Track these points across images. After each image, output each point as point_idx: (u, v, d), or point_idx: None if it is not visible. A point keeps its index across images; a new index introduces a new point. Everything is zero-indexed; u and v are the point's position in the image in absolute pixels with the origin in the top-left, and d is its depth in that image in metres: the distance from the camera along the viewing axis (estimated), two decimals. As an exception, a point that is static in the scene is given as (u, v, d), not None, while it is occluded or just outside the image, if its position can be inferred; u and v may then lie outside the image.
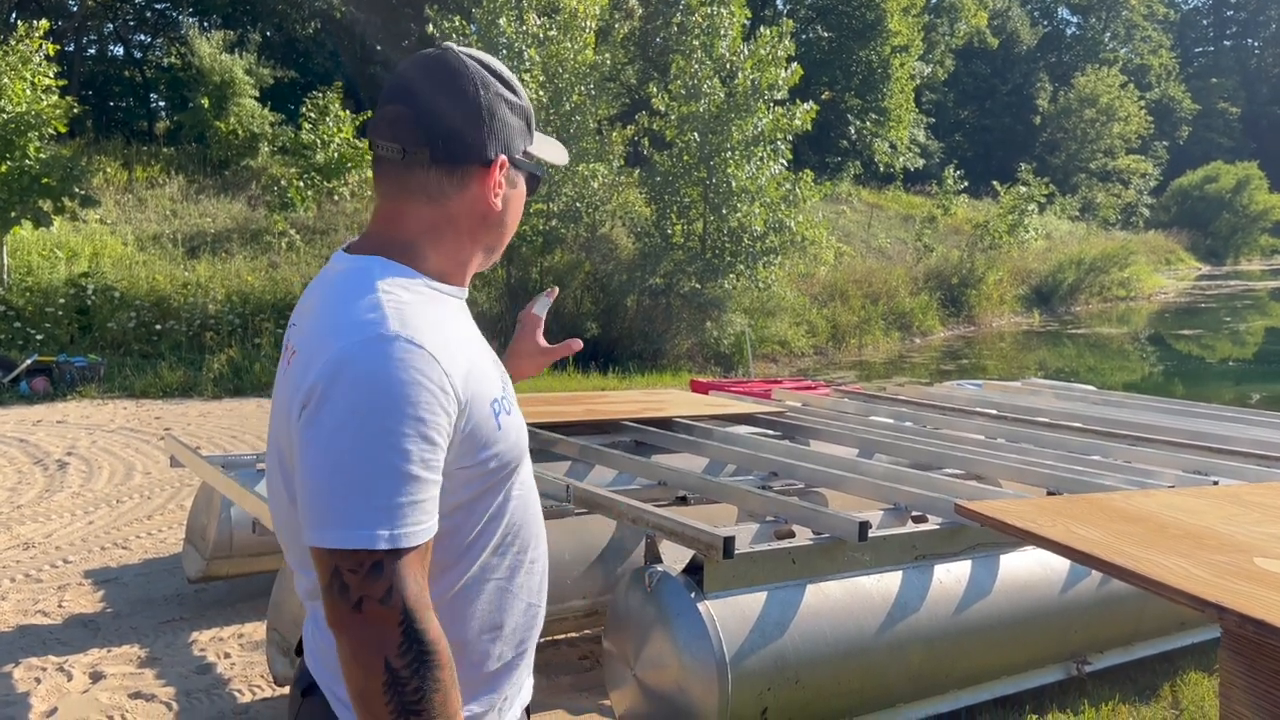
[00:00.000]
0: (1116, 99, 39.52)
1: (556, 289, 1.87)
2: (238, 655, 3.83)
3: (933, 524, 3.31)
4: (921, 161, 32.56)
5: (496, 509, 1.24)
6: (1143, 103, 41.55)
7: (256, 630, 4.03)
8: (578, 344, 1.79)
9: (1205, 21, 66.18)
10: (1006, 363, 16.68)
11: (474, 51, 1.28)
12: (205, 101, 16.94)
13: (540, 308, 1.79)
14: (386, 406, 1.08)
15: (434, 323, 1.16)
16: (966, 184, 27.78)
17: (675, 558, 3.02)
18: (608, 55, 14.69)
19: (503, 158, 1.25)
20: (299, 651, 1.34)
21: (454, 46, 1.28)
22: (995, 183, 26.77)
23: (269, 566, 4.11)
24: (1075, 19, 51.13)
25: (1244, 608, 0.91)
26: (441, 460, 1.13)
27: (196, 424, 8.88)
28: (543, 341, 1.78)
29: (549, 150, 1.35)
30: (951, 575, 3.21)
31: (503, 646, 1.27)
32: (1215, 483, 3.66)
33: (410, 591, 1.08)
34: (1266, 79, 61.96)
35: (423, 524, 1.10)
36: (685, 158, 14.34)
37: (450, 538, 1.19)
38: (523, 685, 1.34)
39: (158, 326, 12.06)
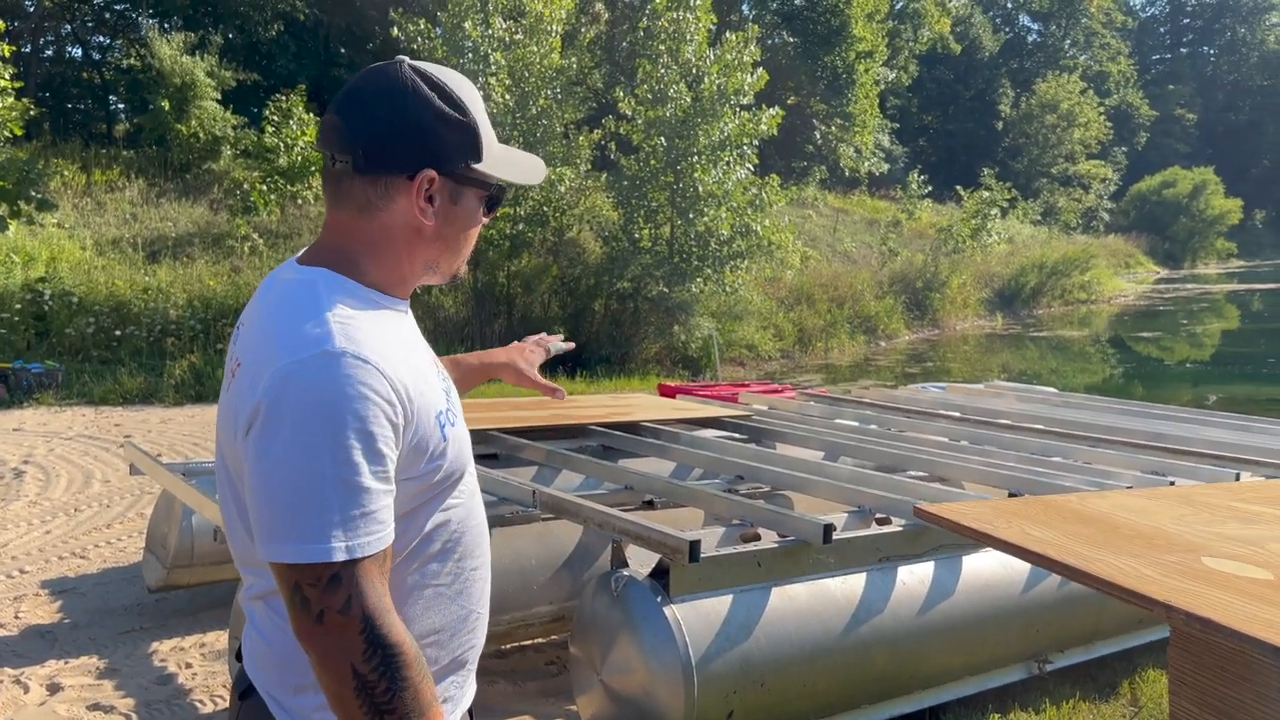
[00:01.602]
0: (1077, 105, 40.15)
1: (573, 345, 1.97)
2: (199, 665, 3.78)
3: (896, 526, 3.34)
4: (886, 166, 32.85)
5: (439, 518, 1.26)
6: (1102, 109, 42.26)
7: (218, 639, 3.98)
8: (562, 392, 1.91)
9: (1162, 29, 67.41)
10: (970, 365, 16.86)
11: (429, 67, 1.27)
12: (166, 104, 16.71)
13: (555, 348, 1.92)
14: (335, 422, 1.10)
15: (380, 337, 1.18)
16: (930, 188, 28.09)
17: (642, 562, 3.02)
18: (574, 59, 14.69)
19: (430, 173, 1.24)
20: (239, 656, 1.34)
21: (407, 60, 1.28)
22: (959, 187, 27.09)
23: (231, 575, 4.05)
24: (1036, 26, 51.91)
25: (1191, 606, 0.93)
26: (392, 470, 1.15)
27: (158, 431, 8.76)
28: (534, 371, 1.88)
29: (510, 170, 1.33)
30: (915, 576, 3.24)
31: (439, 651, 1.29)
32: (1172, 483, 3.73)
33: (369, 599, 1.11)
34: (1221, 86, 63.20)
35: (376, 533, 1.13)
36: (652, 162, 14.36)
37: (395, 543, 1.20)
38: (463, 690, 1.36)
39: (117, 332, 11.88)
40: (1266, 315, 26.75)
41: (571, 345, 1.93)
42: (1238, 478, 3.92)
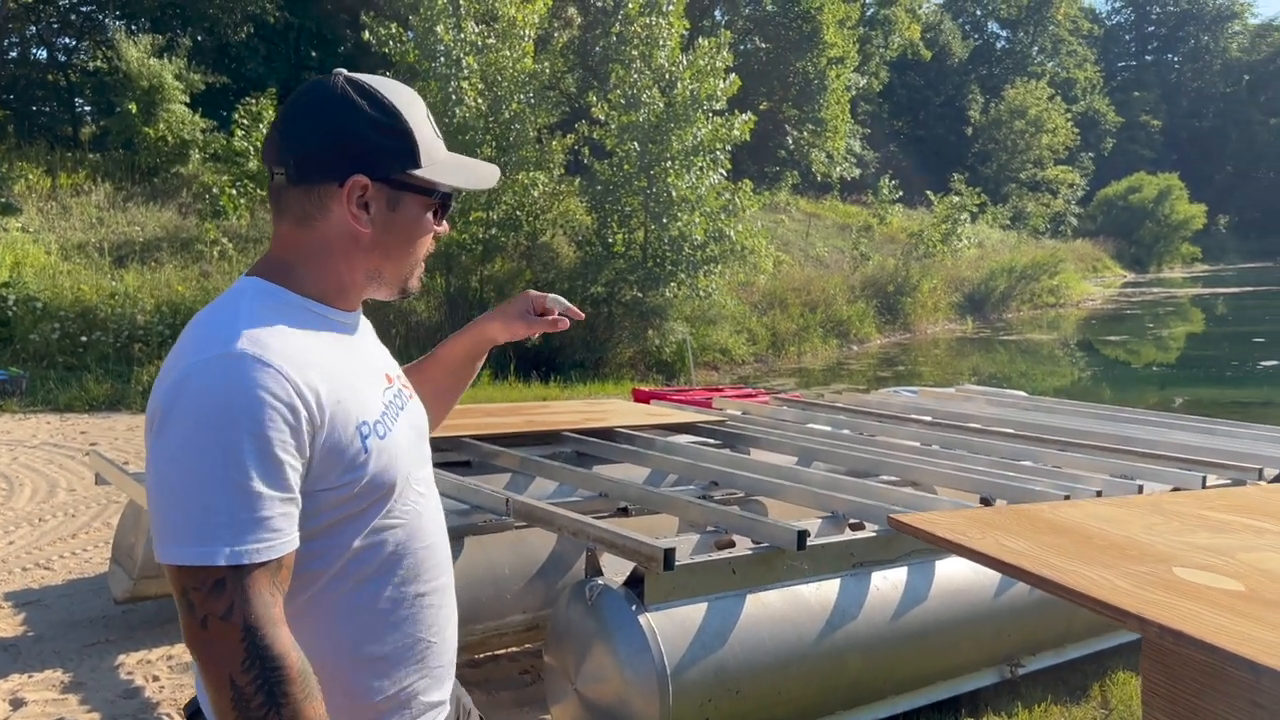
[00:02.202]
0: (1045, 111, 40.61)
1: (568, 321, 1.69)
2: (166, 678, 3.73)
3: (870, 531, 3.35)
4: (858, 171, 33.05)
5: (369, 535, 1.23)
6: (1069, 115, 42.74)
7: (186, 652, 3.92)
8: (564, 323, 1.69)
9: (1128, 37, 68.37)
10: (941, 369, 16.99)
11: (365, 78, 1.28)
12: (133, 107, 16.50)
13: (553, 303, 1.67)
14: (228, 423, 1.09)
15: (293, 342, 1.18)
16: (901, 193, 28.27)
17: (617, 570, 3.01)
18: (547, 64, 14.67)
19: (359, 179, 1.23)
20: None
21: (344, 72, 1.29)
22: (929, 192, 27.31)
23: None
24: (1005, 33, 52.47)
25: (1164, 619, 0.93)
26: (292, 478, 1.13)
27: (125, 438, 8.63)
28: (523, 317, 1.67)
29: (454, 175, 1.31)
30: (888, 582, 3.25)
31: (382, 681, 1.25)
32: (1140, 487, 3.77)
33: (253, 608, 1.08)
34: (1185, 93, 64.18)
35: (267, 541, 1.10)
36: (625, 167, 14.37)
37: (318, 560, 1.19)
38: None
39: (83, 338, 11.70)
40: (1230, 319, 27.17)
41: (580, 315, 1.70)
42: (1204, 481, 3.97)
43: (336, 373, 1.20)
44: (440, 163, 1.30)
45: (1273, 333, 22.76)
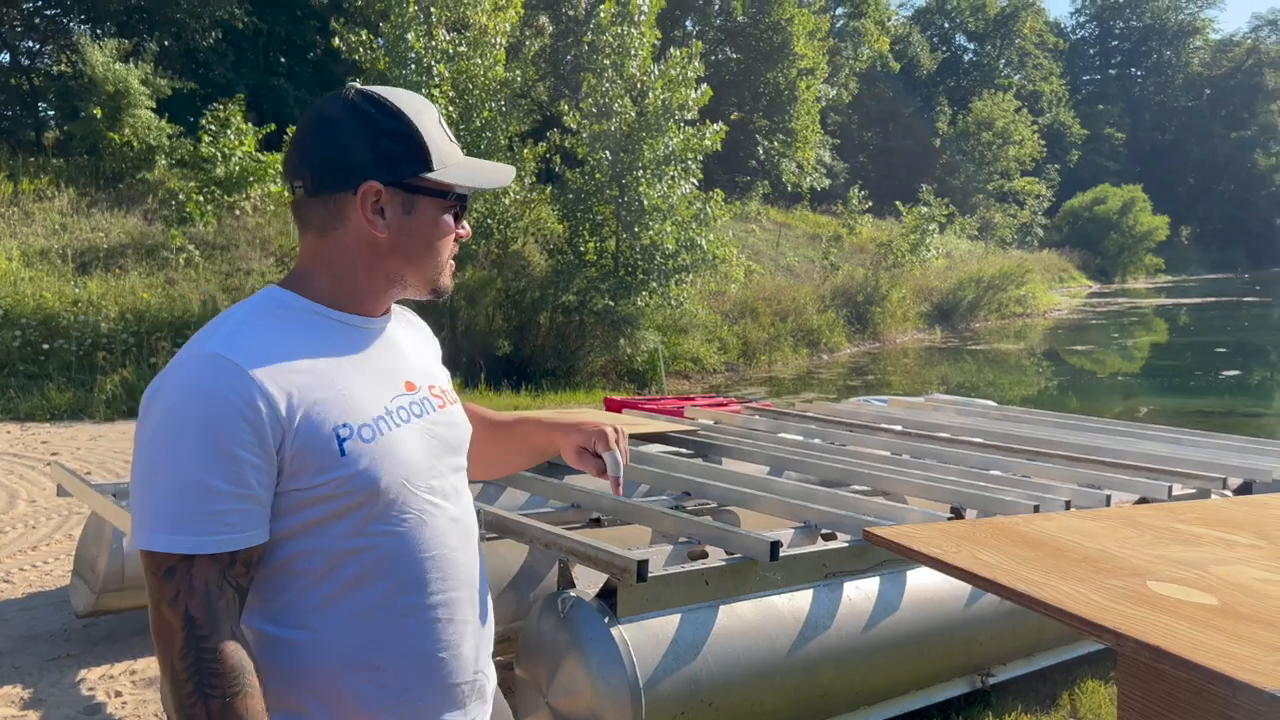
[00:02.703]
0: (1011, 123, 41.13)
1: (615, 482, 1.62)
2: (129, 694, 3.65)
3: (842, 541, 3.35)
4: (828, 181, 33.30)
5: (354, 537, 1.22)
6: (1036, 127, 43.34)
7: (149, 666, 3.85)
8: (610, 482, 1.62)
9: (1092, 51, 69.47)
10: (910, 378, 17.12)
11: (376, 88, 1.32)
12: (98, 112, 16.28)
13: (610, 460, 1.60)
14: (188, 420, 1.14)
15: (275, 345, 1.21)
16: (871, 204, 28.52)
17: (589, 582, 2.99)
18: (519, 72, 14.65)
19: (372, 184, 1.26)
20: None
21: (356, 85, 1.32)
22: (898, 203, 27.55)
23: (164, 599, 3.93)
24: (972, 46, 53.14)
25: (1139, 633, 0.93)
26: (251, 475, 1.15)
27: (87, 448, 8.49)
28: (581, 454, 1.63)
29: (467, 175, 1.33)
30: (861, 592, 3.26)
31: (378, 690, 1.24)
32: (1108, 496, 3.81)
33: (197, 598, 1.13)
34: (1148, 106, 65.31)
35: (218, 535, 1.14)
36: (597, 175, 14.38)
37: (303, 560, 1.21)
38: None
39: (45, 346, 11.50)
40: (1193, 329, 27.62)
41: (617, 479, 1.63)
42: (1170, 491, 4.02)
43: (322, 376, 1.22)
44: (454, 165, 1.32)
45: (1234, 343, 23.16)
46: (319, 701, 1.22)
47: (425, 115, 1.31)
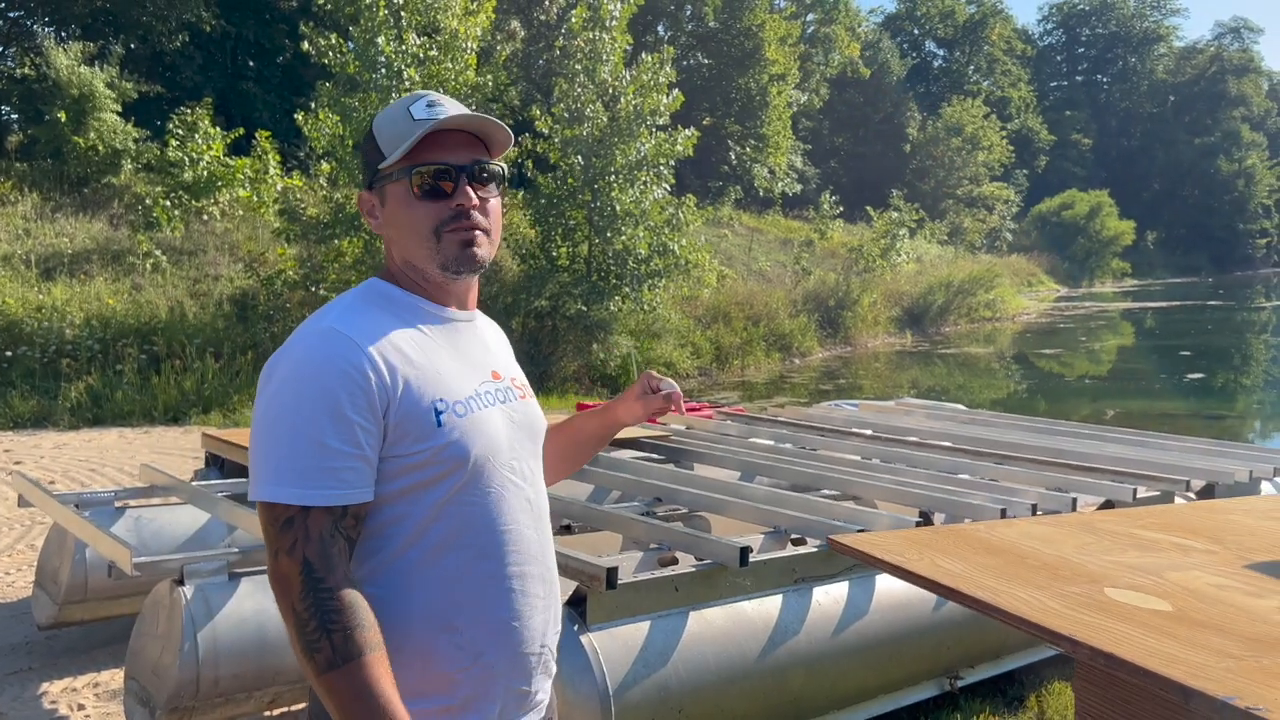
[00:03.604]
0: (980, 129, 41.53)
1: (681, 407, 1.79)
2: (93, 706, 3.60)
3: (811, 546, 3.36)
4: (799, 187, 33.45)
5: (443, 505, 1.32)
6: (1004, 133, 43.78)
7: (113, 678, 3.80)
8: (677, 405, 1.79)
9: (1059, 58, 70.35)
10: (881, 382, 17.23)
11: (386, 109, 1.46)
12: (62, 115, 16.06)
13: (666, 385, 1.77)
14: (306, 382, 1.26)
15: (380, 324, 1.34)
16: (842, 209, 28.68)
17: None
18: (490, 76, 14.61)
19: (361, 194, 1.46)
20: None
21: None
22: (869, 208, 27.74)
23: (126, 610, 3.88)
24: (942, 52, 53.67)
25: (1096, 641, 0.94)
26: (362, 437, 1.27)
27: (51, 456, 8.37)
28: (644, 398, 1.79)
29: (399, 137, 1.38)
30: (830, 597, 3.27)
31: (458, 652, 1.32)
32: (1074, 499, 3.85)
33: (314, 545, 1.23)
34: (1115, 113, 66.21)
35: (334, 489, 1.24)
36: (570, 180, 14.36)
37: (397, 524, 1.31)
38: (491, 702, 1.35)
39: (8, 353, 11.32)
40: (1159, 332, 28.01)
41: (680, 409, 1.80)
42: (1134, 493, 4.07)
43: (421, 354, 1.35)
44: (403, 145, 1.38)
45: (1198, 346, 23.51)
46: (401, 659, 1.27)
47: (397, 109, 1.42)
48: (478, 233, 1.40)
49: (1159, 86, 66.88)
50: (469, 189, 1.39)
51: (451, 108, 1.40)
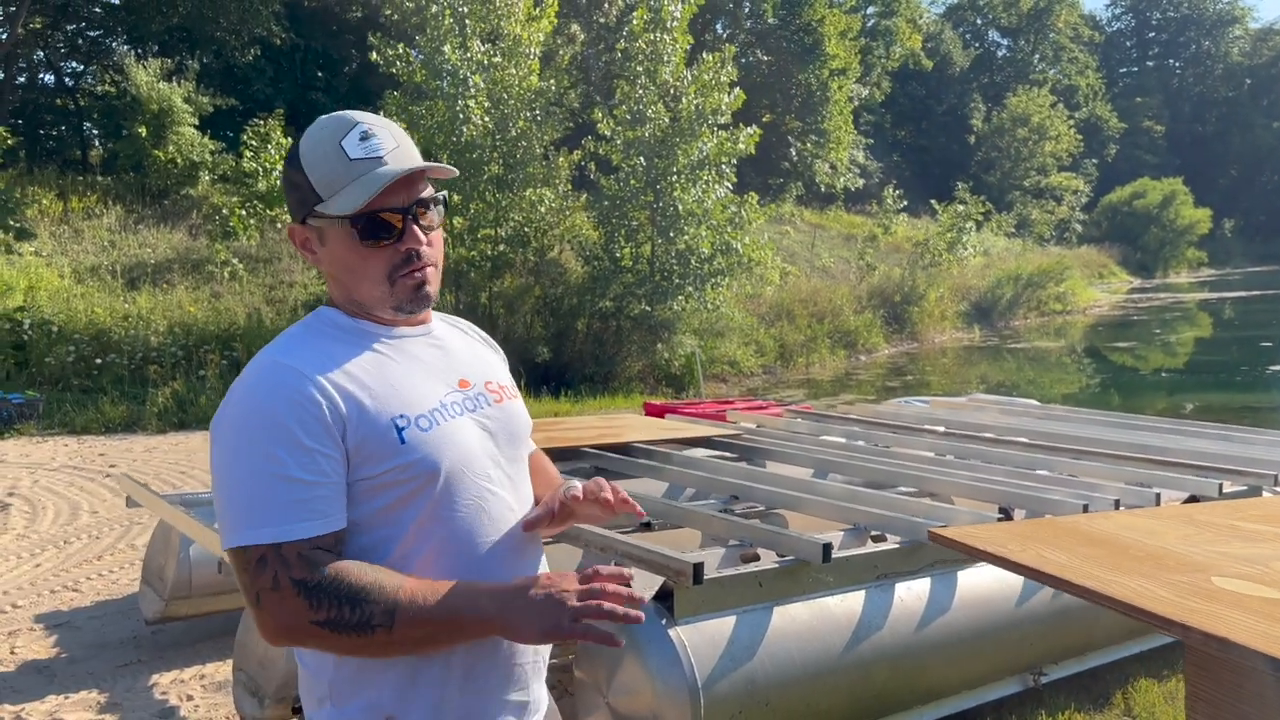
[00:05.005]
0: (1047, 118, 40.73)
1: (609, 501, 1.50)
2: (201, 697, 3.78)
3: (892, 543, 3.39)
4: (861, 182, 33.16)
5: (424, 522, 1.29)
6: (1072, 122, 42.87)
7: (219, 670, 3.98)
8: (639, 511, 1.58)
9: (1129, 43, 68.52)
10: (949, 378, 17.02)
11: (311, 128, 1.38)
12: (143, 130, 16.66)
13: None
14: (255, 416, 1.24)
15: (323, 350, 1.31)
16: (905, 203, 28.38)
17: (645, 584, 3.05)
18: (552, 80, 14.79)
19: (291, 227, 1.40)
20: None
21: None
22: (933, 201, 27.38)
23: (230, 605, 4.06)
24: (1005, 41, 52.67)
25: (1207, 626, 0.98)
26: (326, 464, 1.24)
27: (142, 459, 8.71)
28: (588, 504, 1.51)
29: (354, 195, 1.30)
30: (912, 593, 3.29)
31: (450, 670, 1.30)
32: (1157, 495, 3.81)
33: (295, 571, 1.19)
34: (1188, 98, 64.26)
35: (304, 520, 1.21)
36: (632, 181, 14.46)
37: (384, 546, 1.28)
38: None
39: (98, 360, 11.80)
40: (1238, 323, 27.16)
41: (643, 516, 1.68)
42: (1220, 488, 4.01)
43: (374, 374, 1.32)
44: (343, 191, 1.31)
45: (1281, 336, 22.75)
46: (390, 678, 1.27)
47: (323, 144, 1.33)
48: (429, 269, 1.37)
49: (1234, 69, 64.73)
50: (415, 229, 1.34)
51: (384, 136, 1.33)
